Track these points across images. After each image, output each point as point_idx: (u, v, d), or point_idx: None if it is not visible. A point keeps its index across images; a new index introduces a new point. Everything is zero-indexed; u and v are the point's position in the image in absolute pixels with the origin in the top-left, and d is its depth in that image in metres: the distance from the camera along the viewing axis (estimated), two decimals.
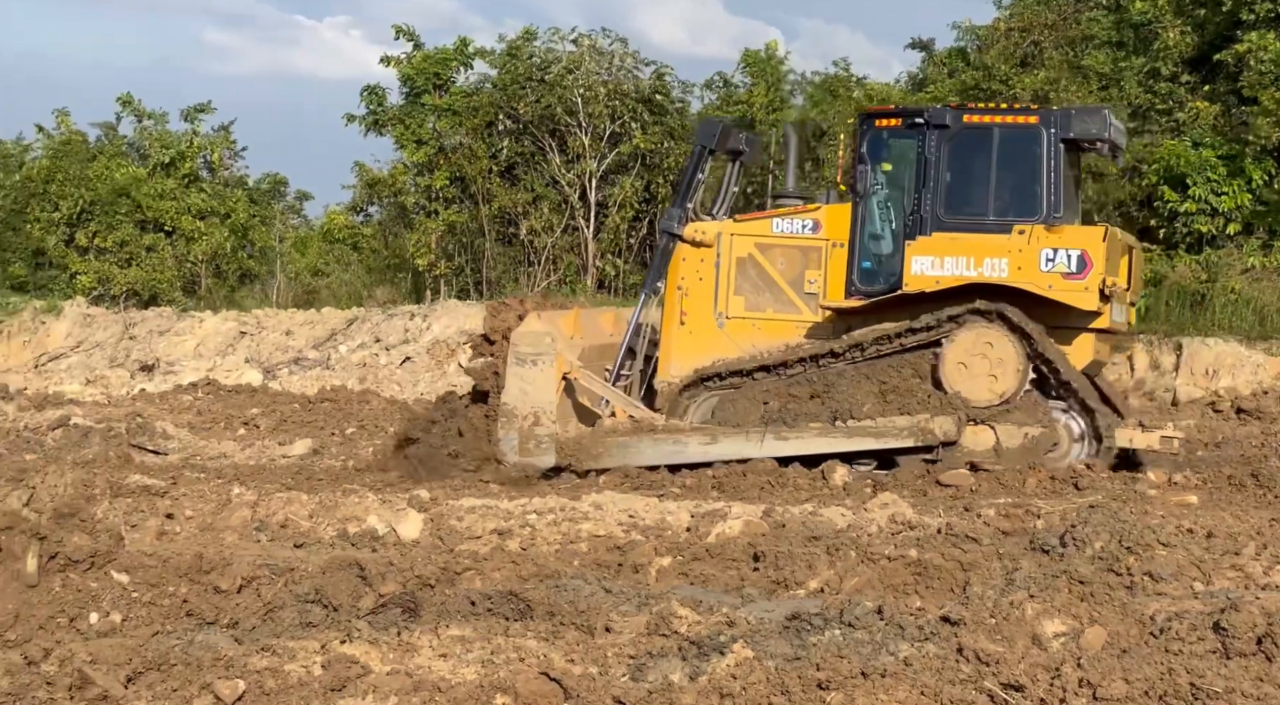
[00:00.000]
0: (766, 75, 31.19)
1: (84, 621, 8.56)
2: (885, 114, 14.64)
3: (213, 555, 9.54)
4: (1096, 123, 14.03)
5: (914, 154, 14.26)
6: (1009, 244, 13.73)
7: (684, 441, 13.82)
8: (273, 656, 6.97)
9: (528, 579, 8.95)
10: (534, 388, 13.66)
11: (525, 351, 13.70)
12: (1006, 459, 13.64)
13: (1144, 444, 13.96)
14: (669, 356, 14.70)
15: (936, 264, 13.79)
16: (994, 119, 14.14)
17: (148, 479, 12.39)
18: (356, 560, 9.07)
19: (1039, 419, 13.76)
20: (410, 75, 32.09)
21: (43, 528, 9.35)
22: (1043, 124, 13.95)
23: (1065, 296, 13.64)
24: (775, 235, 14.66)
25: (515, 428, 13.65)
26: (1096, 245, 13.65)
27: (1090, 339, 14.12)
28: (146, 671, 6.76)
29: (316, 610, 8.32)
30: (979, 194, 14.21)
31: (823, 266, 14.53)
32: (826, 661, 6.48)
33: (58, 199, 34.14)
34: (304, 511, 11.48)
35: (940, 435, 13.67)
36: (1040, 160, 13.90)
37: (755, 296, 14.70)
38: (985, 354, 13.71)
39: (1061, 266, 13.58)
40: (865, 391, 13.91)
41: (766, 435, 13.73)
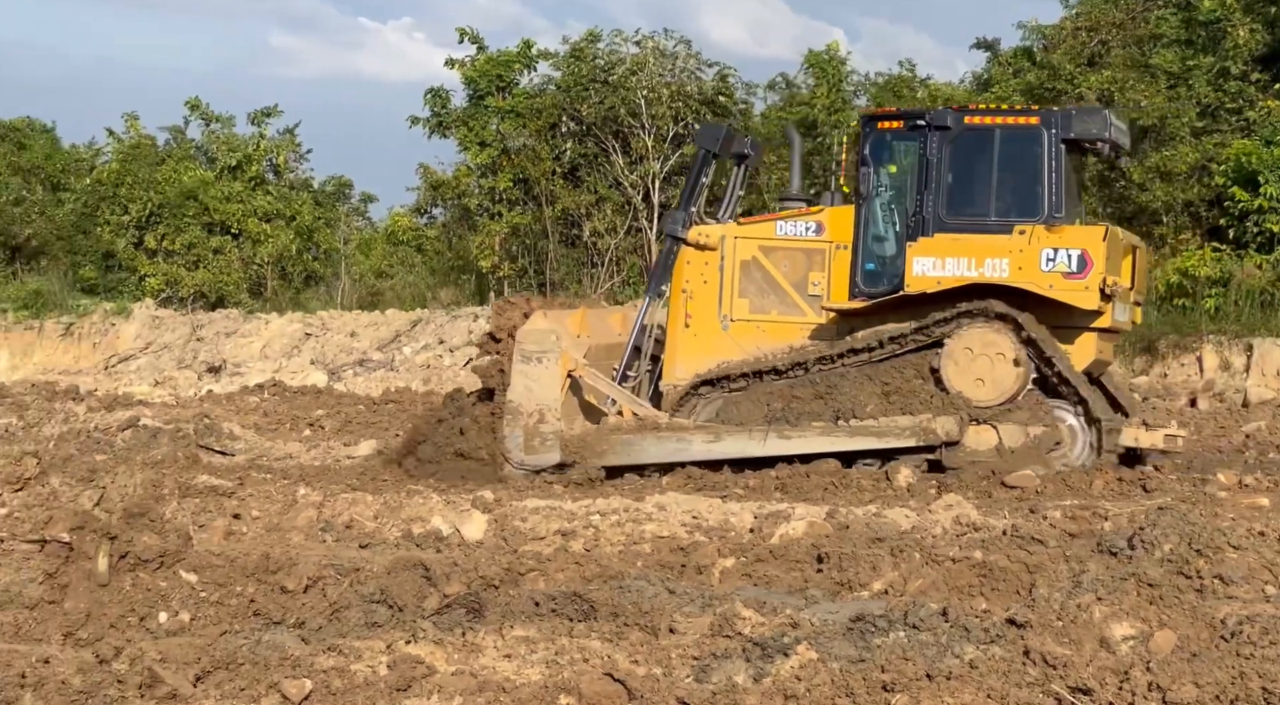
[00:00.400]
0: (828, 76, 31.09)
1: (153, 620, 8.65)
2: (887, 116, 14.74)
3: (279, 555, 9.61)
4: (1097, 123, 14.06)
5: (916, 156, 14.33)
6: (1010, 244, 13.76)
7: (688, 440, 13.89)
8: (339, 656, 7.01)
9: (591, 580, 8.96)
10: (539, 385, 13.80)
11: (530, 349, 13.84)
12: (1009, 459, 13.63)
13: (1149, 443, 13.96)
14: (674, 359, 14.80)
15: (938, 265, 13.83)
16: (995, 120, 14.20)
17: (215, 479, 12.50)
18: (421, 561, 9.12)
19: (1041, 418, 13.76)
20: (474, 77, 32.20)
21: (113, 527, 9.45)
22: (1043, 125, 14.00)
23: (1066, 296, 13.67)
24: (779, 238, 14.76)
25: (520, 425, 13.78)
26: (1097, 245, 13.66)
27: (1093, 338, 14.15)
28: (215, 670, 6.81)
29: (382, 610, 8.36)
30: (980, 195, 14.27)
31: (826, 268, 14.61)
32: (891, 663, 6.45)
33: (127, 202, 34.48)
34: (369, 512, 11.54)
35: (943, 435, 13.69)
36: (1041, 161, 13.93)
37: (759, 299, 14.78)
38: (987, 354, 13.77)
39: (1062, 266, 13.62)
40: (868, 392, 13.97)
41: (770, 434, 13.80)
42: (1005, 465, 13.57)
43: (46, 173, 37.36)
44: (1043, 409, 13.83)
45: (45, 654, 6.88)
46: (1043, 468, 13.56)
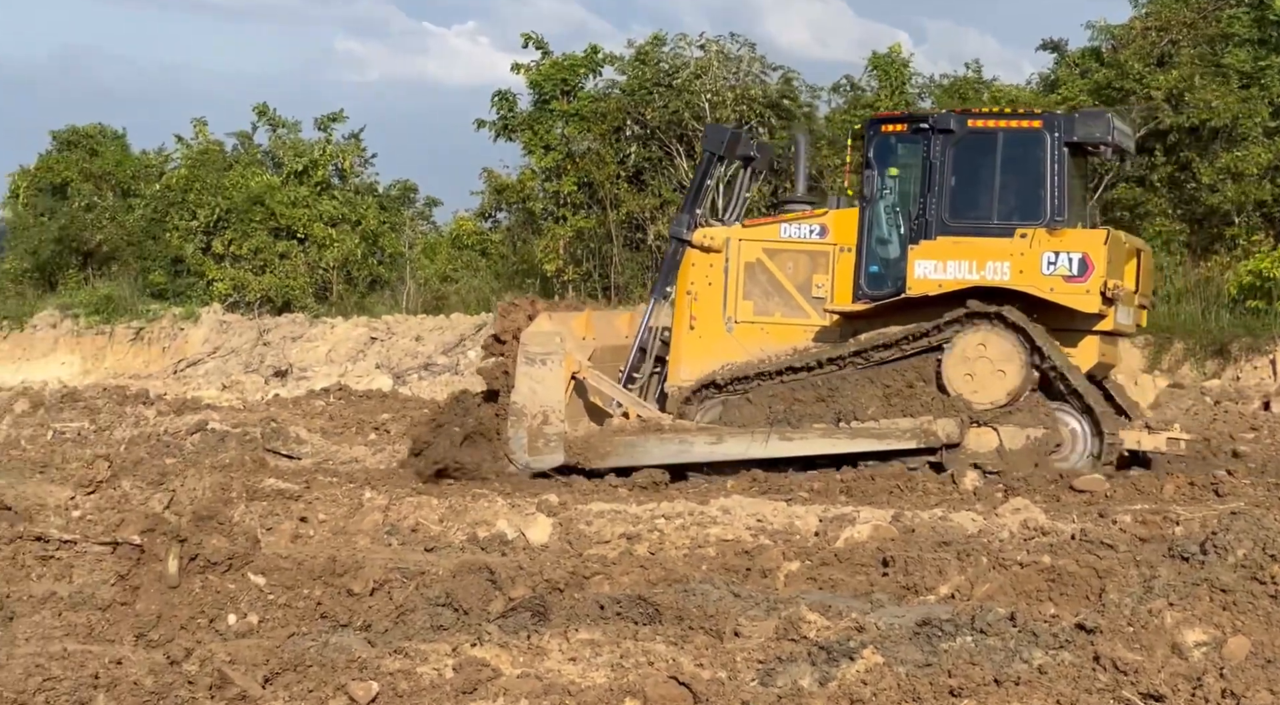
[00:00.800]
0: (891, 79, 30.95)
1: (223, 622, 8.72)
2: (891, 119, 14.84)
3: (345, 558, 9.67)
4: (1100, 126, 14.06)
5: (919, 158, 14.34)
6: (1011, 247, 13.79)
7: (690, 441, 13.95)
8: (405, 659, 7.04)
9: (656, 583, 8.96)
10: (543, 387, 13.88)
11: (534, 351, 13.93)
12: (1010, 460, 13.65)
13: (1151, 445, 13.98)
14: (679, 361, 14.85)
15: (939, 268, 13.86)
16: (998, 123, 14.24)
17: (282, 483, 12.58)
18: (486, 564, 9.15)
19: (1041, 420, 13.75)
20: (539, 81, 32.29)
21: (183, 530, 9.54)
22: (1046, 128, 14.02)
23: (1066, 299, 13.68)
24: (783, 240, 14.81)
25: (524, 426, 13.87)
26: (1098, 248, 13.67)
27: (1095, 341, 14.15)
28: (283, 672, 6.86)
29: (447, 613, 8.40)
30: (983, 198, 14.28)
31: (830, 271, 14.65)
32: (958, 668, 6.40)
33: (195, 207, 34.79)
34: (434, 516, 11.59)
35: (943, 437, 13.71)
36: (1043, 164, 13.95)
37: (764, 301, 14.83)
38: (987, 356, 13.77)
39: (1063, 269, 13.62)
40: (870, 395, 14.01)
41: (771, 436, 13.85)
42: (1005, 467, 13.58)
43: (117, 179, 37.75)
44: (1043, 411, 13.82)
45: (118, 655, 6.95)
46: (1044, 469, 13.54)
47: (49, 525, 9.98)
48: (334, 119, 36.60)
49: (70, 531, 9.79)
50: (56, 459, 14.22)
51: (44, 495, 10.85)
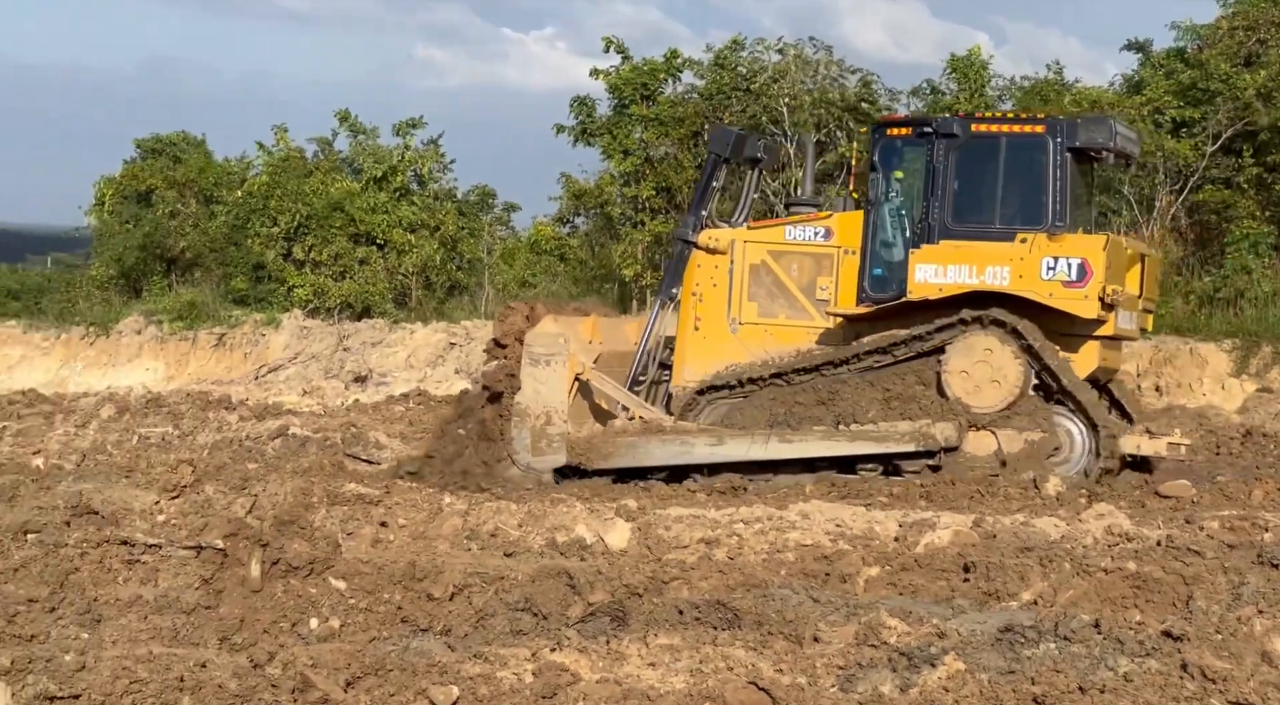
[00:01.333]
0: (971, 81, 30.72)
1: (304, 626, 8.78)
2: (897, 123, 14.91)
3: (425, 563, 9.71)
4: (1102, 132, 14.09)
5: (924, 162, 14.39)
6: (1011, 252, 13.84)
7: (691, 443, 14.03)
8: (485, 663, 7.06)
9: (735, 588, 8.94)
10: (546, 387, 13.97)
11: (539, 352, 14.02)
12: (1009, 464, 13.70)
13: (1151, 450, 13.99)
14: (683, 361, 14.95)
15: (940, 272, 13.92)
16: (1001, 128, 14.31)
17: (362, 488, 12.65)
18: (565, 569, 9.16)
19: (1039, 424, 13.78)
20: (618, 86, 32.32)
21: (265, 534, 9.63)
22: (1049, 133, 14.06)
23: (1065, 304, 13.73)
24: (788, 242, 14.90)
25: (528, 427, 13.96)
26: (1097, 254, 13.70)
27: (1096, 346, 14.18)
28: (365, 676, 6.90)
29: (526, 618, 8.41)
30: (986, 202, 14.33)
31: (834, 273, 14.73)
32: (1042, 675, 6.34)
33: (276, 214, 35.08)
34: (513, 521, 11.61)
35: (941, 440, 13.75)
36: (1046, 169, 13.99)
37: (768, 303, 14.92)
38: (986, 360, 13.82)
39: (1062, 275, 13.68)
40: (870, 398, 14.07)
41: (771, 438, 13.92)
42: (1003, 471, 13.64)
43: (200, 186, 38.14)
44: (1041, 415, 13.84)
45: (202, 658, 7.02)
46: (1042, 473, 13.53)
47: (135, 529, 10.10)
48: (413, 125, 36.79)
49: (155, 536, 9.90)
50: (141, 464, 14.36)
51: (130, 500, 10.98)
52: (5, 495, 11.26)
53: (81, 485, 11.22)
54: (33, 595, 8.95)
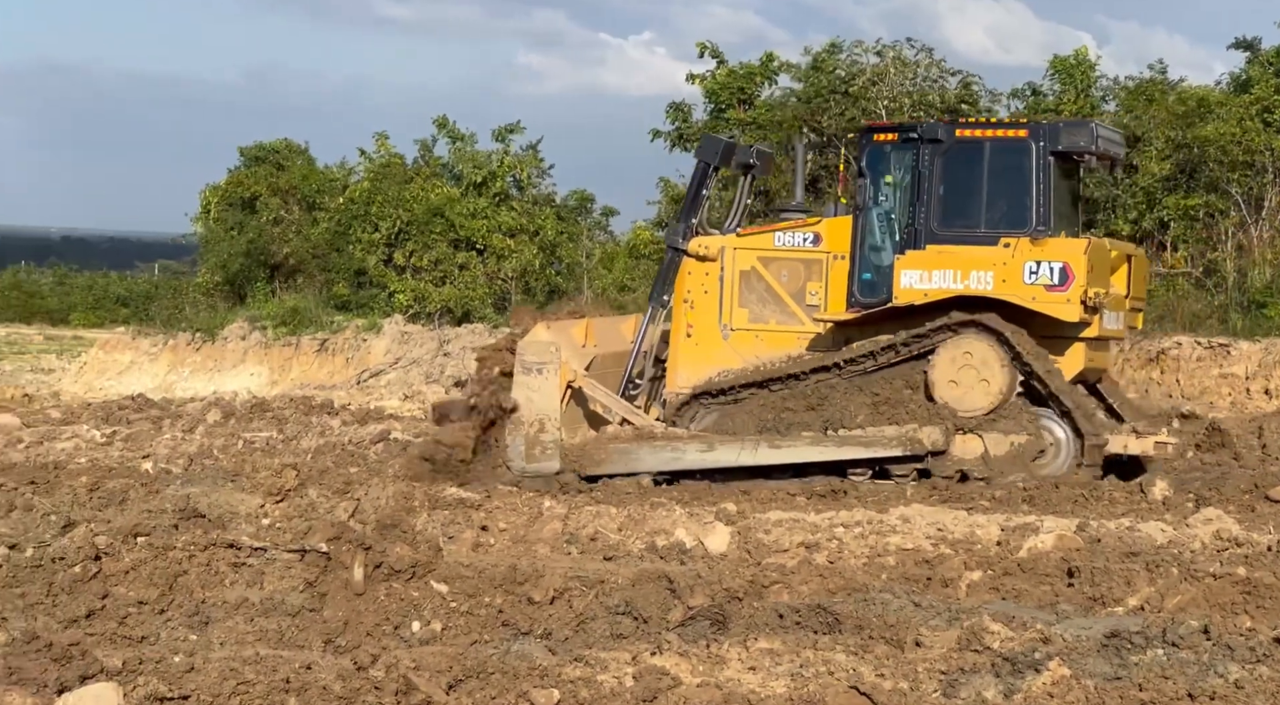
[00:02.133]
0: (1075, 82, 30.38)
1: (407, 629, 8.85)
2: (884, 129, 15.07)
3: (526, 567, 9.76)
4: (1084, 136, 14.27)
5: (910, 168, 14.52)
6: (994, 257, 14.00)
7: (682, 449, 14.17)
8: (585, 667, 7.08)
9: (836, 592, 8.90)
10: (539, 395, 14.11)
11: (530, 360, 14.17)
12: (995, 467, 13.80)
13: (1139, 450, 14.07)
14: (676, 368, 15.09)
15: (925, 277, 14.09)
16: (985, 133, 14.48)
17: (463, 492, 12.74)
18: (665, 573, 9.16)
19: (1025, 427, 13.92)
20: (715, 90, 32.33)
21: (368, 538, 9.72)
22: (1032, 137, 14.22)
23: (1048, 308, 13.88)
24: (777, 248, 15.03)
25: (521, 434, 14.09)
26: (1078, 258, 13.86)
27: (1081, 348, 14.32)
28: (466, 679, 6.94)
29: (627, 622, 8.42)
30: (971, 207, 14.47)
31: (824, 279, 14.86)
32: (1150, 682, 6.25)
33: (377, 220, 35.44)
34: (613, 525, 11.65)
35: (928, 444, 13.87)
36: (1029, 173, 14.14)
37: (759, 309, 15.03)
38: (972, 365, 13.95)
39: (1044, 279, 13.87)
40: (859, 403, 14.20)
41: (761, 444, 14.04)
42: (991, 473, 13.74)
43: (303, 193, 38.62)
44: (1026, 417, 13.96)
45: (307, 660, 7.10)
46: (1030, 477, 13.66)
47: (240, 532, 10.23)
48: (511, 130, 37.03)
49: (261, 539, 10.03)
50: (246, 468, 14.57)
51: (235, 503, 11.14)
52: (115, 499, 11.47)
53: (189, 489, 11.40)
54: (142, 597, 9.10)
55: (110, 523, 10.15)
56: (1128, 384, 21.51)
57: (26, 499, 10.93)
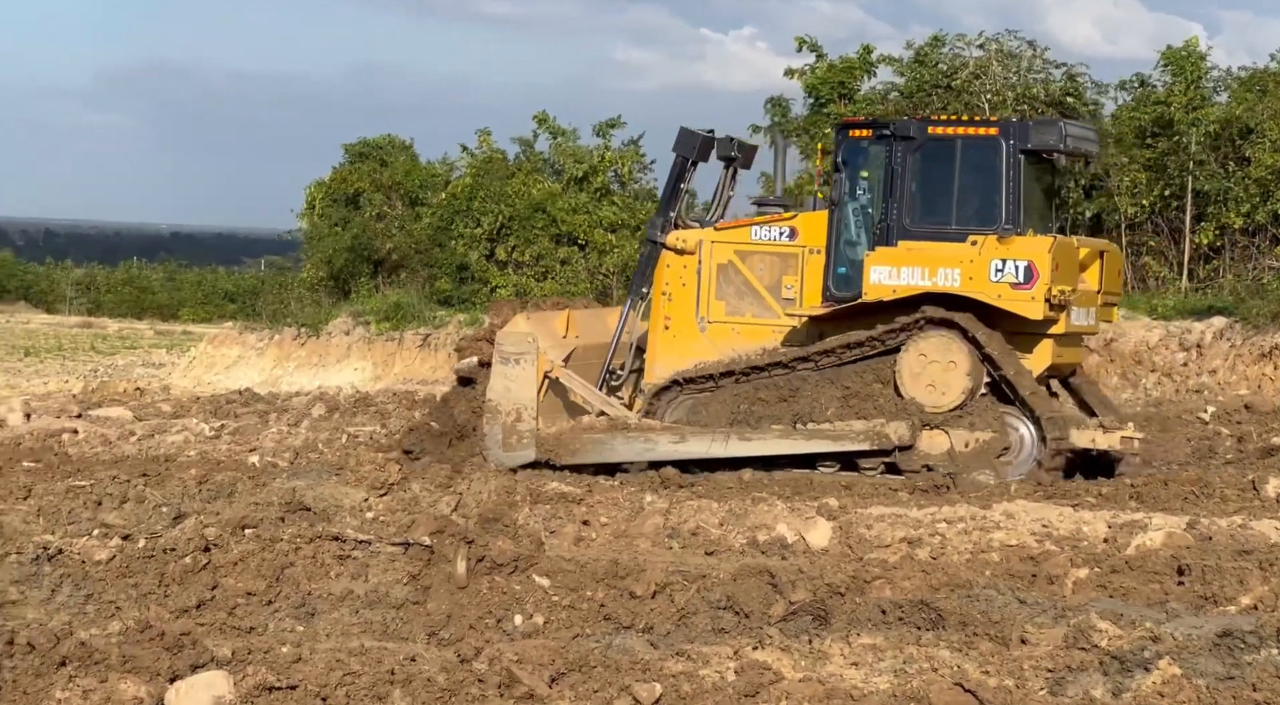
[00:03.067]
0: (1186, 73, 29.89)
1: (509, 622, 8.91)
2: (859, 125, 15.19)
3: (627, 561, 9.78)
4: (1052, 134, 14.38)
5: (883, 164, 14.64)
6: (961, 254, 14.11)
7: (654, 440, 14.32)
8: (687, 661, 7.08)
9: (939, 588, 8.83)
10: (516, 385, 14.32)
11: (508, 351, 14.40)
12: (960, 463, 13.92)
13: (1105, 444, 14.11)
14: (654, 359, 15.24)
15: (894, 273, 14.23)
16: (956, 131, 14.59)
17: (565, 486, 12.79)
18: (767, 567, 9.14)
19: (990, 424, 14.01)
20: (815, 85, 32.18)
21: (470, 532, 9.78)
22: (1002, 136, 14.31)
23: (1013, 305, 13.97)
24: (754, 242, 15.17)
25: (499, 423, 14.30)
26: (1043, 256, 13.95)
27: (1049, 344, 14.46)
28: (569, 672, 6.96)
29: (728, 616, 8.42)
30: (942, 204, 14.59)
31: (799, 273, 15.00)
32: (1264, 682, 6.14)
33: (479, 215, 35.63)
34: (714, 519, 11.63)
35: (895, 439, 14.00)
36: (999, 171, 14.25)
37: (736, 302, 15.18)
38: (939, 361, 14.11)
39: (1010, 277, 13.96)
40: (830, 396, 14.34)
41: (731, 436, 14.19)
42: (956, 469, 13.84)
43: (406, 189, 38.90)
44: (991, 414, 14.06)
45: (411, 652, 7.16)
46: (993, 472, 13.80)
47: (345, 525, 10.34)
48: (612, 125, 37.06)
49: (365, 532, 10.13)
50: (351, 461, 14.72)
51: (340, 497, 11.25)
52: (224, 491, 11.63)
53: (294, 482, 11.53)
54: (250, 588, 9.24)
55: (219, 515, 10.31)
56: (1239, 379, 21.16)
57: (139, 491, 11.12)
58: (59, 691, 6.41)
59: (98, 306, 61.96)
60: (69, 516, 10.28)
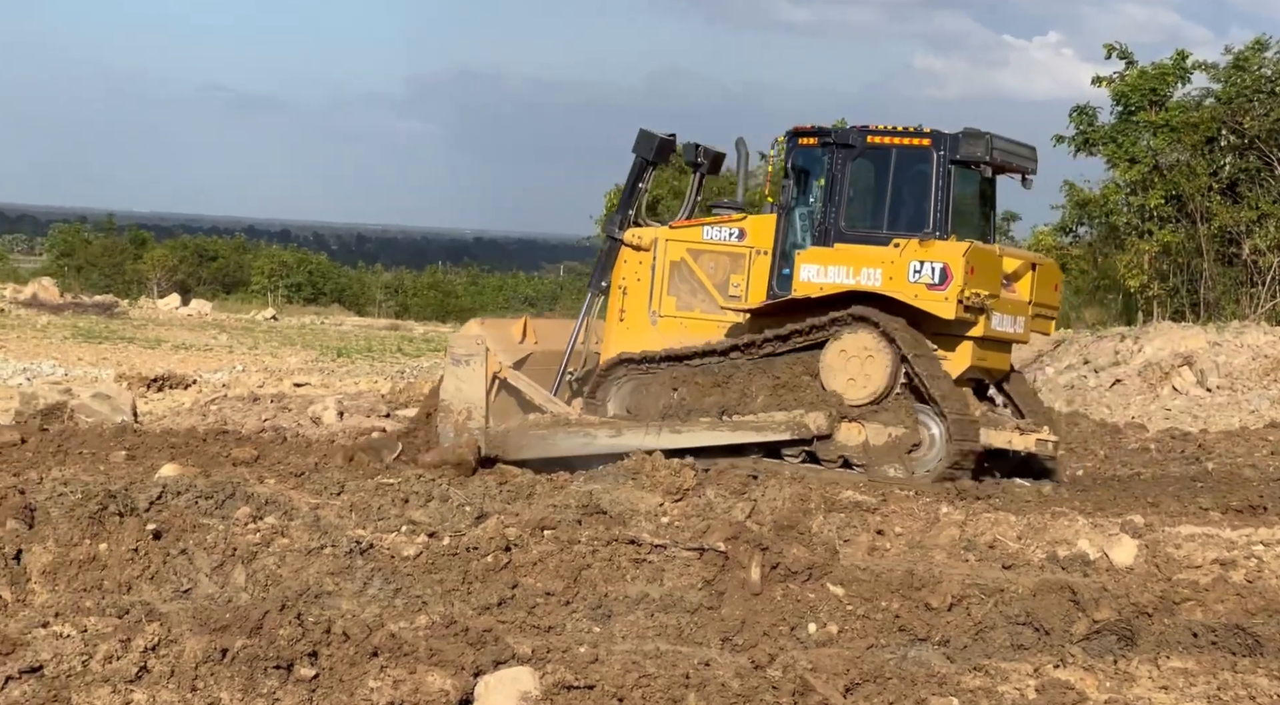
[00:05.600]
0: None
1: (803, 630, 8.88)
2: (806, 133, 15.61)
3: (923, 572, 9.65)
4: (980, 147, 14.89)
5: (826, 170, 15.29)
6: (884, 255, 14.76)
7: (593, 435, 15.01)
8: (985, 676, 6.96)
9: (1255, 613, 8.48)
10: (467, 385, 15.27)
11: (459, 352, 15.45)
12: (873, 456, 14.45)
13: (1021, 446, 14.97)
14: (609, 350, 15.91)
15: (821, 272, 14.93)
16: (892, 140, 15.15)
17: (859, 495, 12.70)
18: (1068, 584, 8.92)
19: (903, 420, 14.49)
20: (1124, 92, 31.30)
21: (765, 539, 9.79)
22: (934, 146, 14.91)
23: (927, 305, 14.56)
24: (705, 242, 15.86)
25: (451, 422, 15.20)
26: (957, 259, 14.51)
27: (970, 346, 14.99)
28: (863, 683, 6.91)
29: (1028, 632, 8.25)
30: (877, 210, 15.29)
31: (746, 272, 15.63)
32: None
33: None
34: (1012, 533, 11.40)
35: (814, 430, 14.55)
36: (929, 180, 14.86)
37: (687, 297, 15.85)
38: (859, 356, 14.70)
39: (926, 278, 14.56)
40: (760, 385, 14.97)
41: (663, 429, 14.84)
42: (869, 462, 14.40)
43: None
44: (905, 411, 14.55)
45: (706, 657, 7.21)
46: (903, 468, 14.30)
47: (641, 530, 10.47)
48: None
49: (660, 536, 10.23)
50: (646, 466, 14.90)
51: (635, 501, 11.39)
52: (523, 493, 11.91)
53: (591, 485, 11.74)
54: (549, 588, 9.42)
55: (519, 516, 10.55)
56: None
57: (443, 490, 11.45)
58: (371, 681, 6.65)
59: (405, 309, 64.18)
60: (378, 512, 10.66)
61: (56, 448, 14.51)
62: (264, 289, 61.94)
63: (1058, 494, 13.93)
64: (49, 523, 8.86)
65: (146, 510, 9.39)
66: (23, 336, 34.95)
